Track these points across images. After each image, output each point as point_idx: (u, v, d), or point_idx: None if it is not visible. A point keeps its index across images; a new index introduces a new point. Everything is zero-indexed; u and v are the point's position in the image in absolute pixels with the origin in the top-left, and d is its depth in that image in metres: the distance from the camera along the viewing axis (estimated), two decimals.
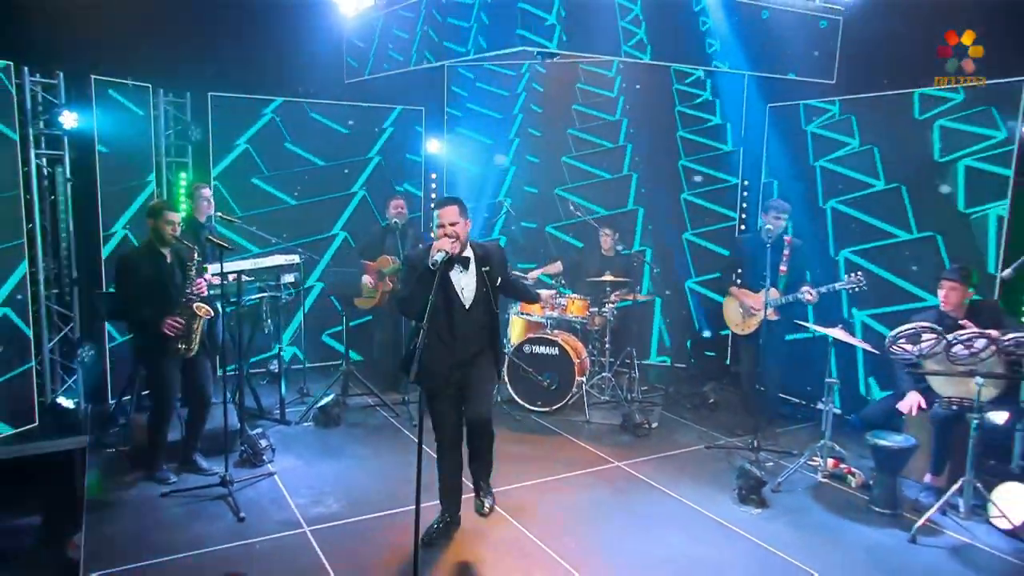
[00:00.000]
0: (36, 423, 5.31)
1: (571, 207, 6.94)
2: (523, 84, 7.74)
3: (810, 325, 5.15)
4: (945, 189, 5.46)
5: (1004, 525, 4.12)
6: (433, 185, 7.80)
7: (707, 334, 7.35)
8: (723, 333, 7.16)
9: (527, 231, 7.76)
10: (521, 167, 7.83)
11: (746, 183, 7.15)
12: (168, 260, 4.52)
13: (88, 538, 3.75)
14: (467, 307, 3.79)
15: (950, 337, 4.17)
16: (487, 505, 4.20)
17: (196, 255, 4.52)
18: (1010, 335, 4.10)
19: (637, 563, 3.80)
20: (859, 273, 5.15)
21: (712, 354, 7.43)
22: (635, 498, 4.61)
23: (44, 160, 5.46)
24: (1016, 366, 4.25)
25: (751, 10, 5.53)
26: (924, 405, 4.65)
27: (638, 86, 7.49)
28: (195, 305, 4.46)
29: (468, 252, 3.78)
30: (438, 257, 3.47)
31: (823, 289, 5.28)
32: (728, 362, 7.31)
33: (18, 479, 5.07)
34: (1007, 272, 4.64)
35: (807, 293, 5.31)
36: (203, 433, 4.86)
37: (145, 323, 4.42)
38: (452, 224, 3.64)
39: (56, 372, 5.64)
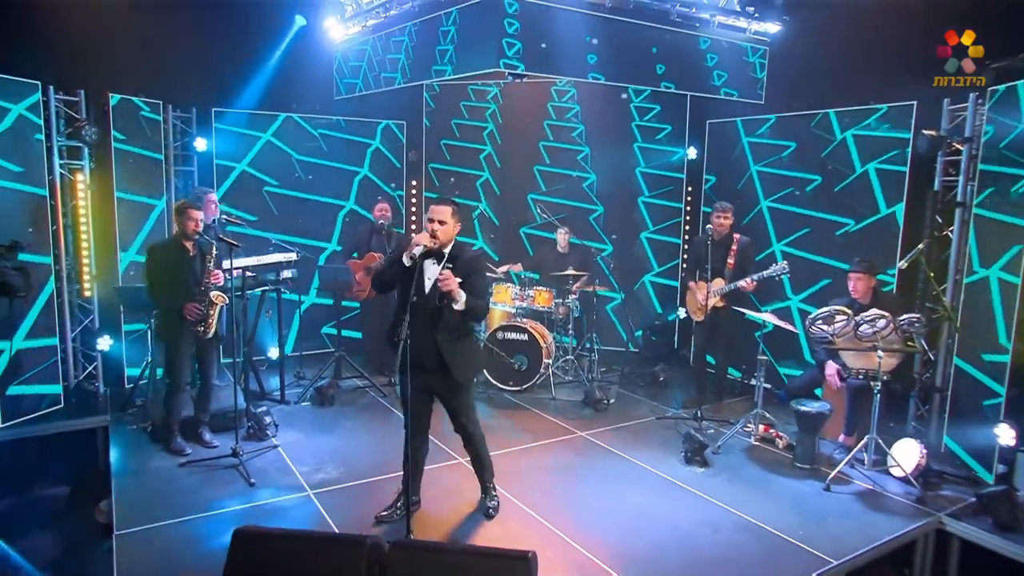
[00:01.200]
0: (61, 405, 5.46)
1: (539, 210, 7.22)
2: (493, 100, 7.99)
3: (746, 311, 5.55)
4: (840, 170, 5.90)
5: (898, 473, 4.59)
6: (413, 191, 8.06)
7: (658, 321, 7.72)
8: (670, 319, 7.57)
9: (494, 227, 8.07)
10: (492, 175, 8.11)
11: (690, 189, 7.58)
12: (191, 253, 4.75)
13: (118, 505, 4.00)
14: (426, 294, 3.66)
15: (858, 318, 4.63)
16: (491, 508, 4.06)
17: (215, 249, 4.75)
18: (904, 316, 4.58)
19: (598, 513, 4.13)
20: (784, 262, 5.51)
21: (664, 339, 7.78)
22: (596, 461, 4.94)
23: (67, 169, 5.64)
24: (909, 342, 4.73)
25: (691, 40, 5.93)
26: (843, 374, 5.09)
27: (597, 104, 7.78)
28: (212, 294, 4.71)
29: (446, 250, 3.68)
30: (416, 251, 3.50)
31: (755, 277, 5.61)
32: (676, 346, 7.71)
33: (48, 454, 5.27)
34: (902, 263, 5.13)
35: (745, 282, 5.64)
36: (212, 412, 5.06)
37: (170, 307, 4.65)
38: (441, 222, 3.60)
39: (78, 359, 5.78)
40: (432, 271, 3.67)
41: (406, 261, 3.57)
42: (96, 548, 3.78)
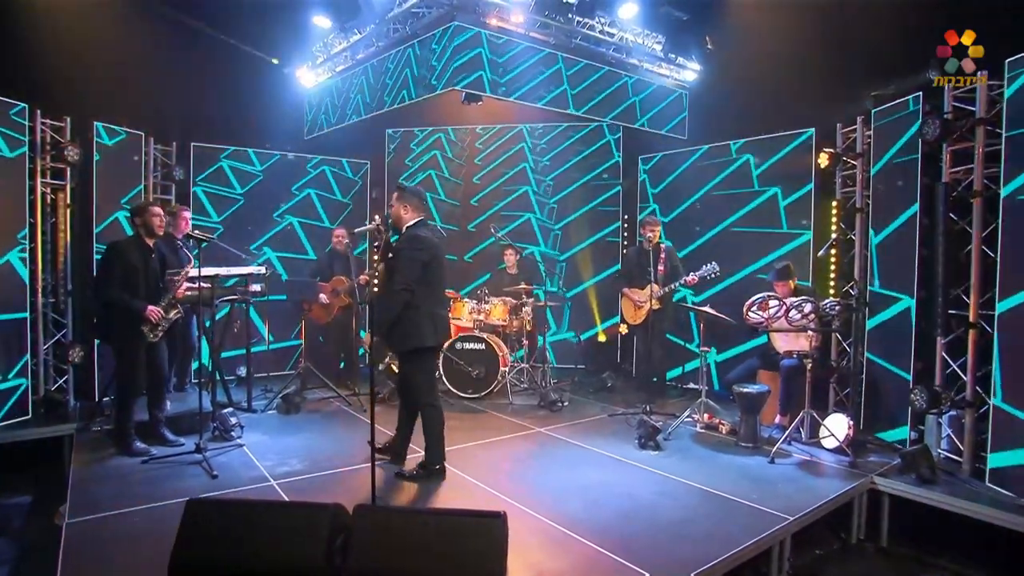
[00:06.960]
0: (29, 415, 4.80)
1: (491, 229, 6.97)
2: (435, 144, 7.94)
3: (686, 306, 5.44)
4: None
5: (831, 444, 4.46)
6: (379, 224, 7.78)
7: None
8: (600, 341, 7.42)
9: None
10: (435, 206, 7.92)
11: (626, 217, 7.62)
12: (152, 255, 4.29)
13: (73, 497, 3.40)
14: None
15: (788, 303, 4.58)
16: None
17: (191, 265, 4.32)
18: (825, 301, 4.56)
19: (560, 491, 3.79)
20: (714, 264, 5.46)
21: (608, 352, 7.57)
22: (555, 451, 4.62)
23: (48, 188, 5.19)
24: (828, 324, 4.72)
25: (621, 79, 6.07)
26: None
27: (543, 143, 7.81)
28: (174, 303, 4.30)
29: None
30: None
31: (695, 274, 5.53)
32: (619, 359, 7.52)
33: (13, 464, 4.49)
34: (820, 252, 5.19)
35: (688, 277, 5.56)
36: (177, 414, 4.54)
37: (126, 307, 4.12)
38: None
39: (49, 371, 5.14)
40: None
41: None
42: (52, 551, 3.17)
